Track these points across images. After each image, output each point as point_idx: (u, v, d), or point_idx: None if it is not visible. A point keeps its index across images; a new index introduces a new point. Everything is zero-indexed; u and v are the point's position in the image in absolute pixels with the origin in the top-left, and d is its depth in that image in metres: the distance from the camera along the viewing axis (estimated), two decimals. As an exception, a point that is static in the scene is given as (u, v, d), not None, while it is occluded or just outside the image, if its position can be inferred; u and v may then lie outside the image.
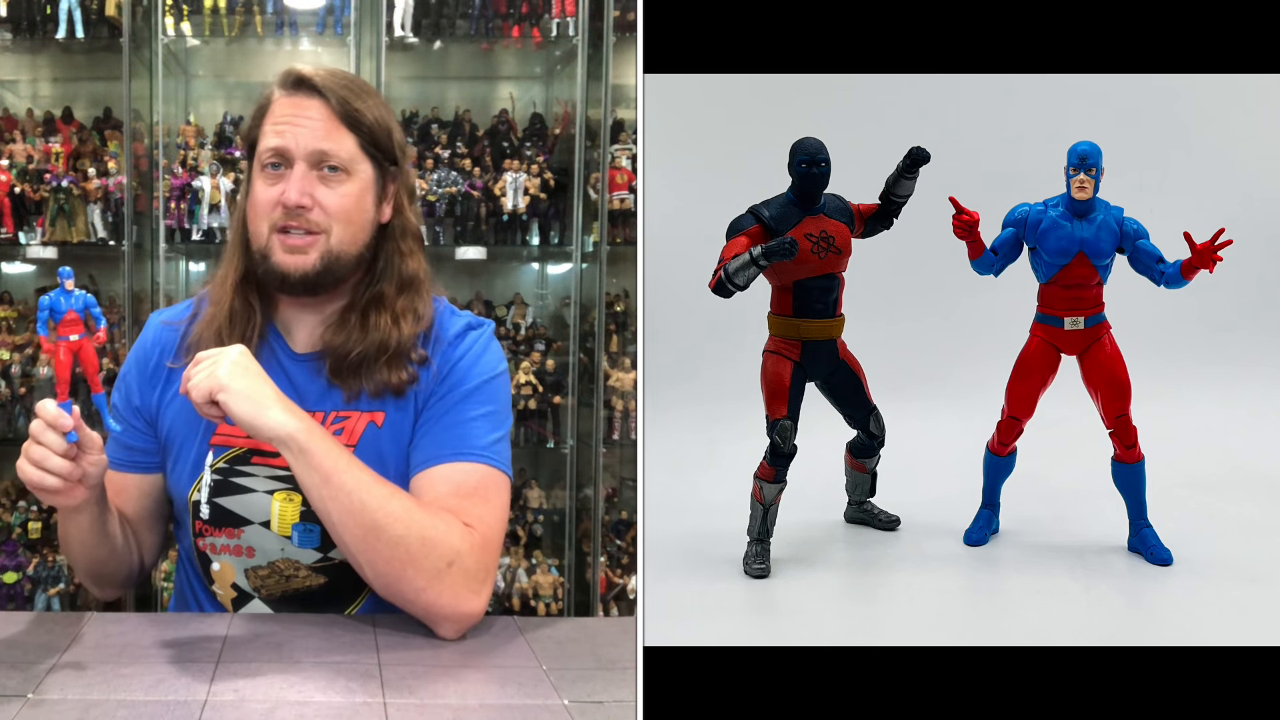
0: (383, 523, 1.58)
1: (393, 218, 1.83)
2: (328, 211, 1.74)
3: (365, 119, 1.77)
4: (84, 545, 1.74)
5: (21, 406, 3.45)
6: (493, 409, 1.77)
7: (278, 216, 1.73)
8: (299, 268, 1.74)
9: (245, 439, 1.75)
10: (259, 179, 1.76)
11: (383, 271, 1.81)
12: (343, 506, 1.58)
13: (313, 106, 1.75)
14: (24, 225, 3.46)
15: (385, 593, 1.64)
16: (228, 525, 1.76)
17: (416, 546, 1.59)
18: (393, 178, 1.82)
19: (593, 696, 1.41)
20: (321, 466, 1.58)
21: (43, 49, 3.55)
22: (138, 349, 1.88)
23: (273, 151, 1.74)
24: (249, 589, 1.78)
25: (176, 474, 1.81)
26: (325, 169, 1.74)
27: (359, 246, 1.78)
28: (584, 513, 3.59)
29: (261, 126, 1.77)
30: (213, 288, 1.84)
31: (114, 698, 1.34)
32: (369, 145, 1.78)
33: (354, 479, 1.59)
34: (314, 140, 1.73)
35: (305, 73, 1.77)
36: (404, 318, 1.78)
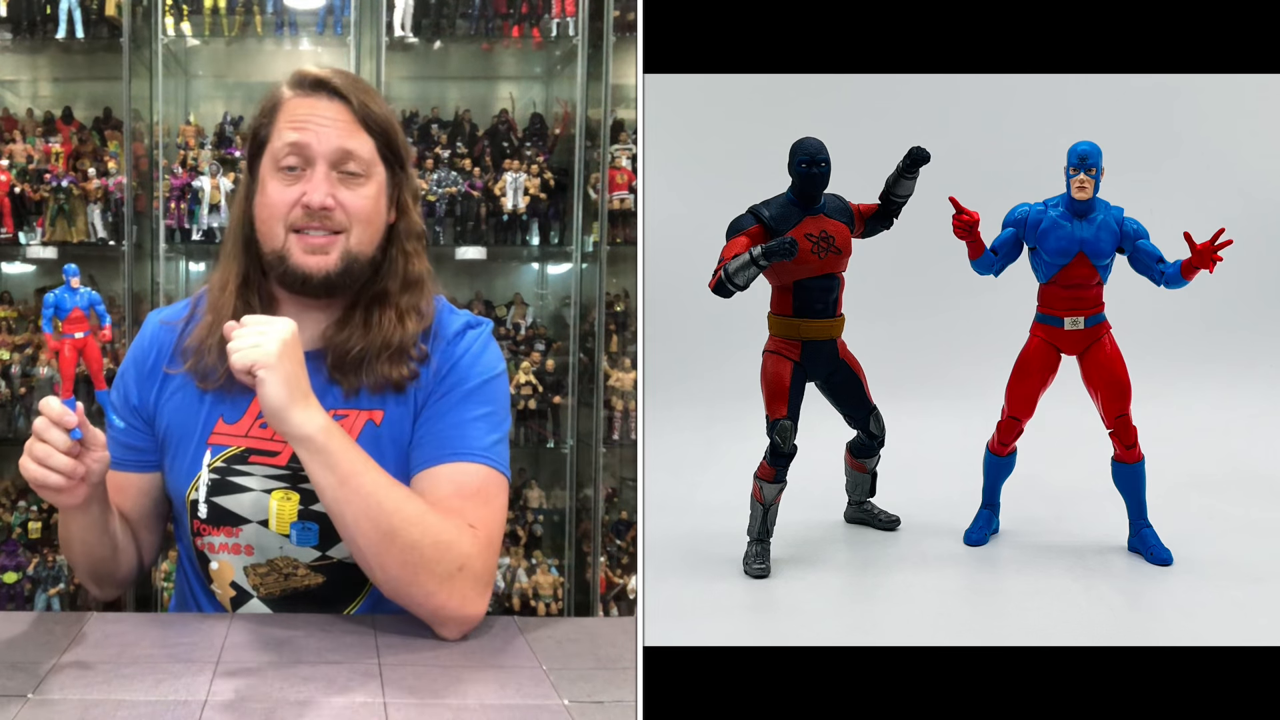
0: (398, 527, 1.57)
1: (398, 219, 1.83)
2: (349, 212, 1.74)
3: (380, 122, 1.77)
4: (85, 544, 1.73)
5: (22, 406, 3.45)
6: (492, 409, 1.77)
7: (296, 217, 1.72)
8: (321, 268, 1.73)
9: (243, 437, 1.75)
10: (273, 179, 1.74)
11: (387, 271, 1.80)
12: (359, 509, 1.57)
13: (333, 108, 1.74)
14: (24, 225, 3.46)
15: (394, 595, 1.64)
16: (226, 524, 1.76)
17: (430, 551, 1.59)
18: (401, 182, 1.82)
19: (593, 696, 1.41)
20: (339, 467, 1.57)
21: (43, 49, 3.55)
22: (135, 348, 1.88)
23: (292, 149, 1.72)
24: (248, 588, 1.77)
25: (174, 473, 1.81)
26: (346, 170, 1.74)
27: (374, 248, 1.78)
28: (584, 513, 3.59)
29: (274, 126, 1.76)
30: (211, 294, 1.82)
31: (114, 698, 1.35)
32: (384, 148, 1.78)
33: (371, 481, 1.58)
34: (338, 140, 1.73)
35: (322, 75, 1.77)
36: (408, 315, 1.78)
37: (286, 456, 1.73)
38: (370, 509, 1.57)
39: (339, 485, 1.57)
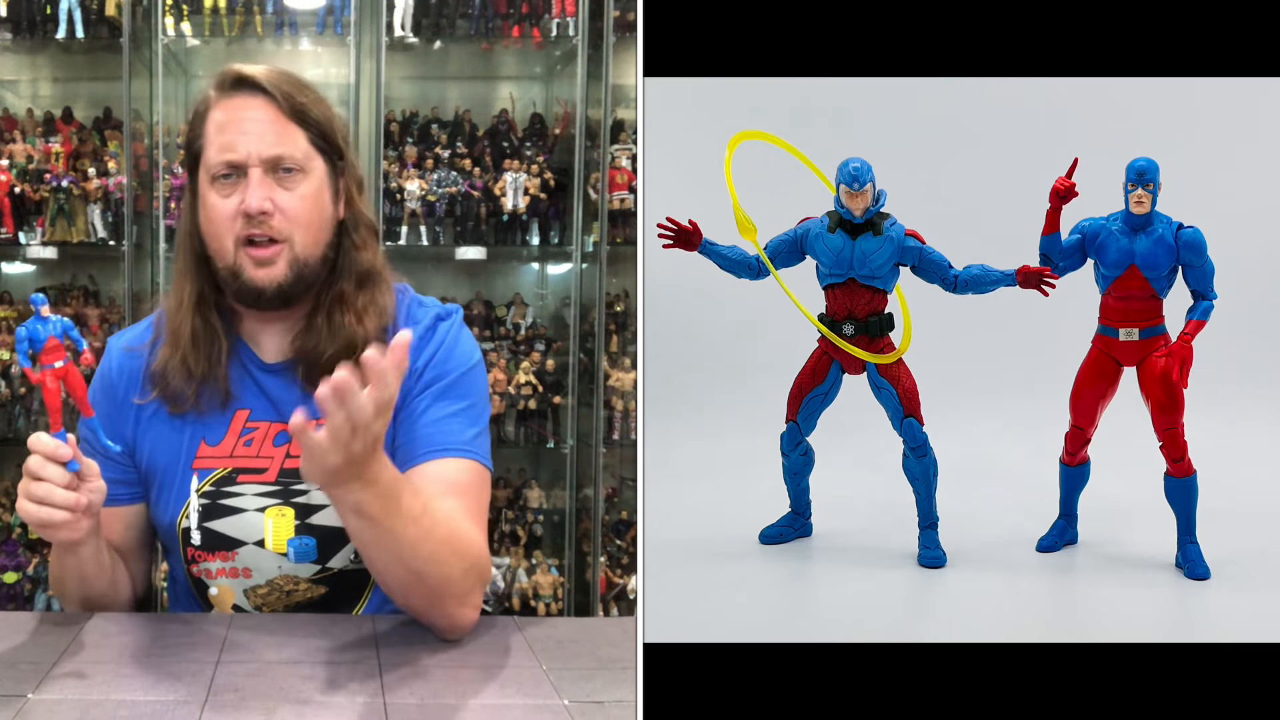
0: (429, 563, 1.52)
1: (345, 212, 1.77)
2: (288, 217, 1.68)
3: (311, 114, 1.71)
4: (83, 580, 1.68)
5: (21, 406, 3.45)
6: (472, 402, 1.74)
7: (239, 227, 1.67)
8: (271, 280, 1.68)
9: (228, 458, 1.73)
10: (211, 191, 1.69)
11: (342, 269, 1.75)
12: (392, 554, 1.50)
13: (257, 105, 1.69)
14: (24, 225, 3.47)
15: (415, 614, 1.61)
16: (221, 549, 1.73)
17: (458, 576, 1.56)
18: (341, 171, 1.77)
19: (593, 696, 1.41)
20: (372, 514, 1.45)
21: (43, 49, 3.55)
22: (102, 378, 1.81)
23: (222, 155, 1.67)
24: (249, 609, 1.75)
25: (162, 503, 1.76)
26: (281, 170, 1.68)
27: (322, 248, 1.73)
28: (584, 513, 3.59)
29: (204, 134, 1.70)
30: (168, 315, 1.76)
31: (114, 698, 1.34)
32: (319, 140, 1.72)
33: (400, 523, 1.48)
34: (266, 144, 1.67)
35: (246, 71, 1.71)
36: (366, 313, 1.73)
37: (275, 472, 1.72)
38: (403, 552, 1.49)
39: (372, 530, 1.47)
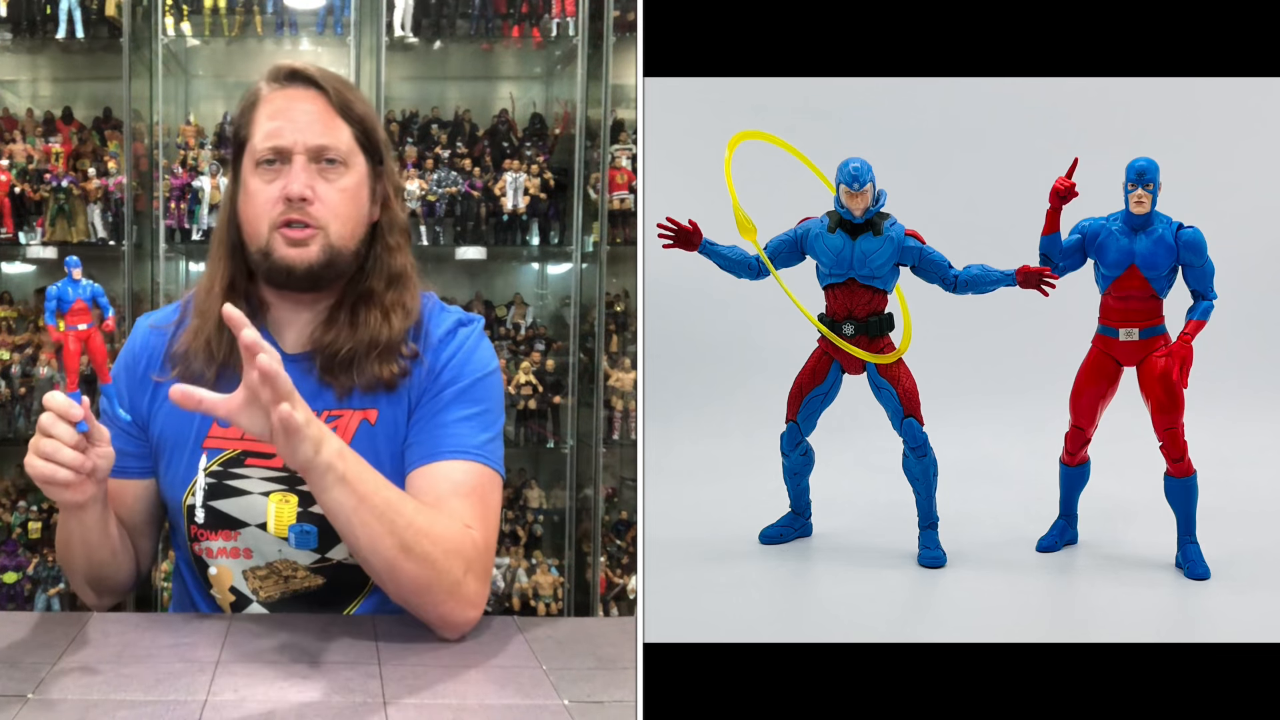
0: (412, 541, 1.56)
1: (381, 214, 1.82)
2: (326, 206, 1.73)
3: (357, 110, 1.77)
4: (86, 546, 1.71)
5: (21, 406, 3.45)
6: (486, 407, 1.77)
7: (279, 212, 1.72)
8: (303, 259, 1.72)
9: (239, 440, 1.74)
10: (254, 177, 1.74)
11: (371, 268, 1.80)
12: (374, 530, 1.54)
13: (308, 98, 1.75)
14: (24, 225, 3.47)
15: (403, 603, 1.63)
16: (224, 528, 1.75)
17: (442, 561, 1.58)
18: (380, 175, 1.82)
19: (593, 696, 1.41)
20: (356, 489, 1.53)
21: (43, 49, 3.55)
22: (126, 354, 1.86)
23: (269, 141, 1.72)
24: (247, 592, 1.77)
25: (170, 479, 1.79)
26: (324, 161, 1.74)
27: (355, 242, 1.77)
28: (584, 513, 3.59)
29: (253, 122, 1.76)
30: (198, 298, 1.81)
31: (114, 698, 1.34)
32: (362, 138, 1.78)
33: (383, 500, 1.55)
34: (313, 132, 1.73)
35: (298, 66, 1.77)
36: (393, 312, 1.77)
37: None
38: (385, 528, 1.54)
39: (356, 507, 1.53)
